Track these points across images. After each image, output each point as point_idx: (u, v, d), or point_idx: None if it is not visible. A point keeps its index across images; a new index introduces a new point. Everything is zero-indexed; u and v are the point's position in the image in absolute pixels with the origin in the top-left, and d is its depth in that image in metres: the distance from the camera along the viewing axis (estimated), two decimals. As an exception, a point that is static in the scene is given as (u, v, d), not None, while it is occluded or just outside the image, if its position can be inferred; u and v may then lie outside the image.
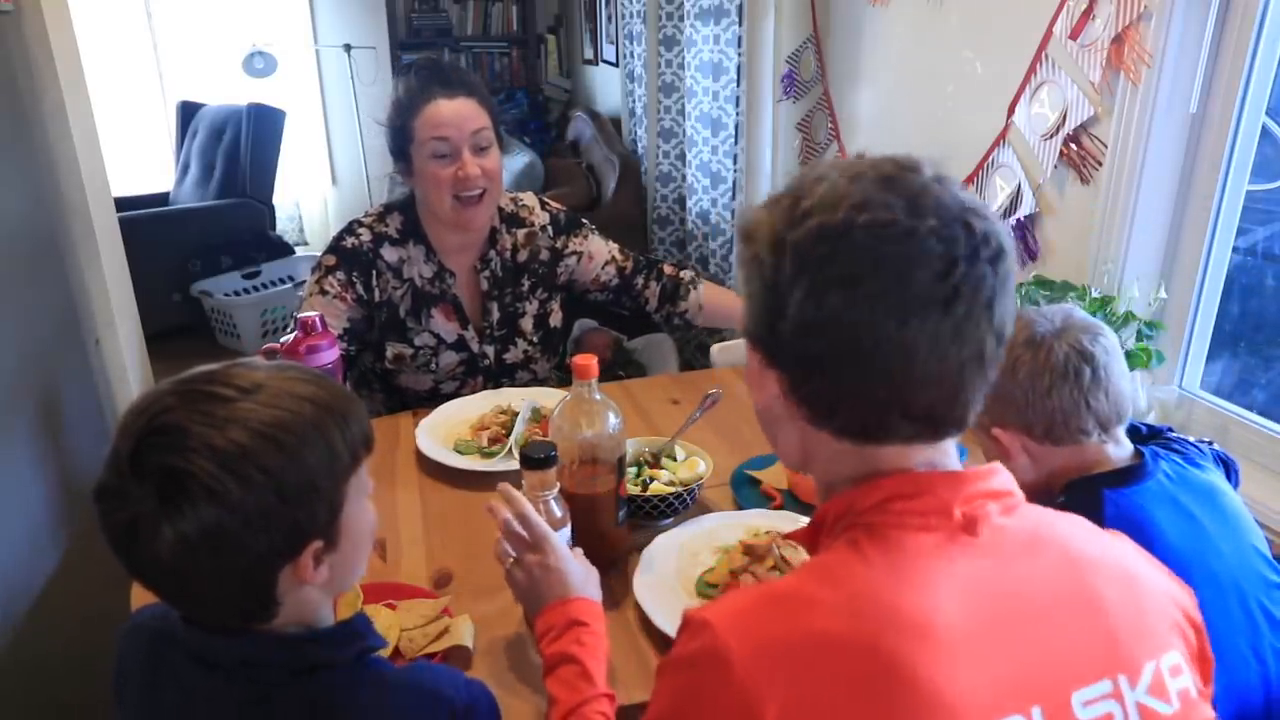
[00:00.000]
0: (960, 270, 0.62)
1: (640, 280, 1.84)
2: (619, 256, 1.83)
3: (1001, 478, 0.71)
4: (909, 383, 0.65)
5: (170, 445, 0.68)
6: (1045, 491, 1.03)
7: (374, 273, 1.65)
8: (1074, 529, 0.72)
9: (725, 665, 0.60)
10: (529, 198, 1.80)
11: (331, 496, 0.73)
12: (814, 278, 0.63)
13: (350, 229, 1.67)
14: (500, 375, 1.75)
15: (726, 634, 0.62)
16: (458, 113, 1.56)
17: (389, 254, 1.66)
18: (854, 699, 0.59)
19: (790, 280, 0.64)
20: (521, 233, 1.75)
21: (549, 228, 1.77)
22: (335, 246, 1.65)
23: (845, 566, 0.66)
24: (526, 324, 1.75)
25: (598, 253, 1.80)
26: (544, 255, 1.76)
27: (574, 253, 1.78)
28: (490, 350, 1.72)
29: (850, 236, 0.63)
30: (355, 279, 1.63)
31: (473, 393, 1.70)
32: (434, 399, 1.69)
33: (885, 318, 0.62)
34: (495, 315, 1.72)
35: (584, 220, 1.83)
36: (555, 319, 1.80)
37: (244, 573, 0.71)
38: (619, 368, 2.96)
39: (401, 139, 1.60)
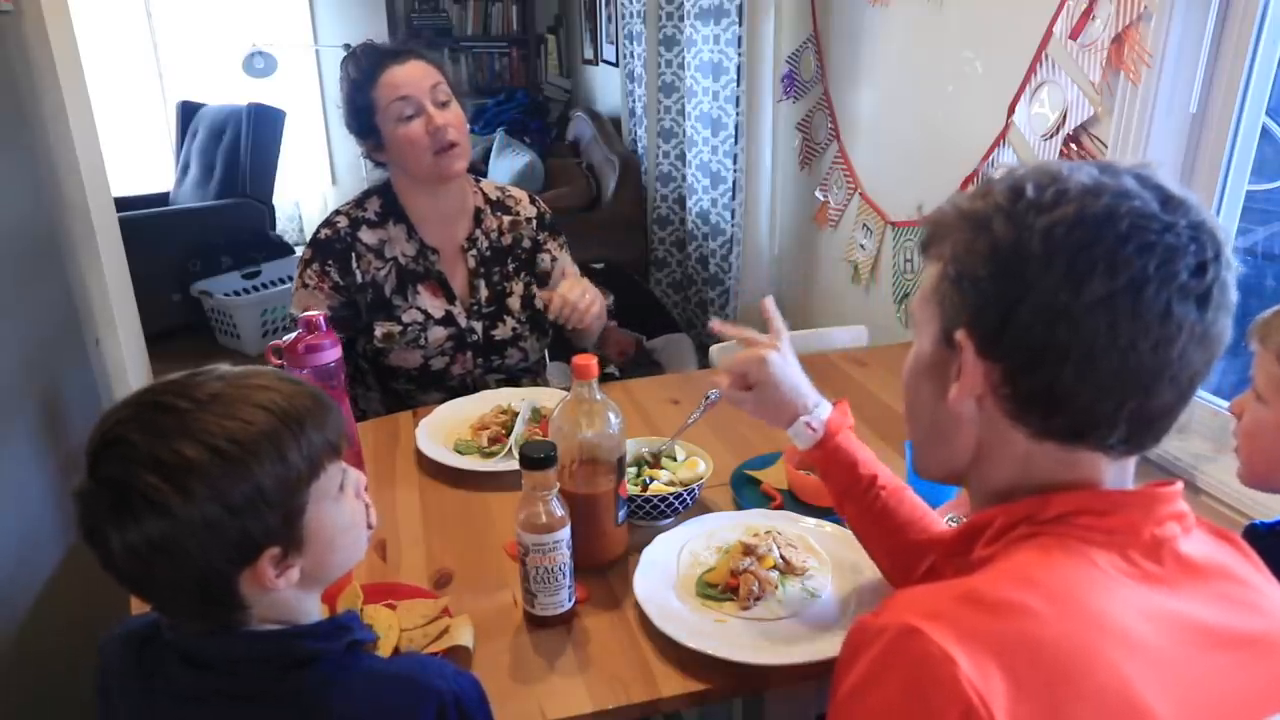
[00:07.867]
0: (1211, 272, 0.62)
1: None
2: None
3: (1181, 500, 0.69)
4: (1157, 381, 0.63)
5: (117, 457, 0.69)
6: None
7: (353, 256, 1.69)
8: (1240, 556, 0.72)
9: (951, 666, 0.56)
10: (518, 191, 1.87)
11: (285, 504, 0.73)
12: (1072, 262, 0.61)
13: (328, 220, 1.72)
14: (490, 351, 1.77)
15: (943, 640, 0.57)
16: (411, 74, 1.62)
17: (368, 236, 1.71)
18: (1072, 699, 0.57)
19: (1040, 265, 0.61)
20: (507, 219, 1.81)
21: (534, 221, 1.83)
22: (312, 239, 1.72)
23: (1042, 569, 0.63)
24: (514, 303, 1.79)
25: (566, 269, 1.82)
26: (526, 244, 1.82)
27: (550, 254, 1.83)
28: (478, 326, 1.76)
29: (1115, 223, 0.61)
30: (329, 268, 1.68)
31: (462, 368, 1.74)
32: (424, 375, 1.73)
33: (1148, 307, 0.60)
34: (483, 293, 1.76)
35: (561, 230, 1.87)
36: (541, 301, 1.82)
37: (197, 580, 0.71)
38: (640, 366, 2.97)
39: (365, 113, 1.65)
